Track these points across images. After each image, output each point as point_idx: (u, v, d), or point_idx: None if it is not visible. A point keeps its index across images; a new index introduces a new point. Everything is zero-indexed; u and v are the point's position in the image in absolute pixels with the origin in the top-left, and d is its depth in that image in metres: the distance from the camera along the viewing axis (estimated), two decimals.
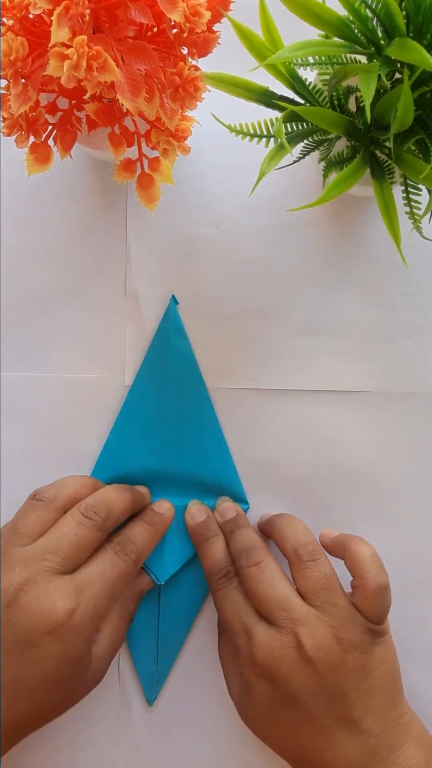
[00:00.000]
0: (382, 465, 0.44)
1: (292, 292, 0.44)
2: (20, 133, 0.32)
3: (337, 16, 0.30)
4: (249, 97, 0.33)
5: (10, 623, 0.35)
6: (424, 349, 0.44)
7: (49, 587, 0.35)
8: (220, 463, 0.43)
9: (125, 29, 0.30)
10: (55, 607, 0.35)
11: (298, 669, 0.37)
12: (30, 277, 0.44)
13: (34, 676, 0.34)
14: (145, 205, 0.34)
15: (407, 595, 0.44)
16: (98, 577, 0.37)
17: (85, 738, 0.44)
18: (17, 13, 0.29)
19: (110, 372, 0.44)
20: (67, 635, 0.35)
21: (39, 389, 0.44)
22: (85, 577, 0.36)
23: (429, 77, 0.30)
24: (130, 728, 0.44)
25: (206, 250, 0.44)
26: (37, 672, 0.34)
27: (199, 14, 0.30)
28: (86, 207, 0.44)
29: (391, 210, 0.33)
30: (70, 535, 0.37)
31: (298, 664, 0.37)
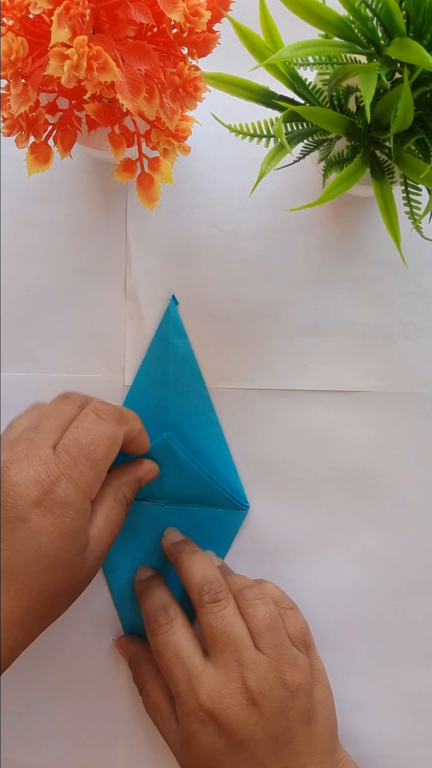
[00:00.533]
0: (382, 465, 0.44)
1: (292, 292, 0.44)
2: (20, 133, 0.32)
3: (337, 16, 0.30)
4: (249, 97, 0.33)
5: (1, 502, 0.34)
6: (424, 349, 0.44)
7: (32, 462, 0.35)
8: (220, 463, 0.43)
9: (125, 29, 0.30)
10: (38, 479, 0.34)
11: (246, 716, 0.36)
12: (30, 277, 0.44)
13: (29, 552, 0.33)
14: (145, 205, 0.34)
15: (407, 596, 0.44)
16: (74, 443, 0.36)
17: (85, 738, 0.44)
18: (17, 13, 0.29)
19: (110, 372, 0.44)
20: (54, 506, 0.34)
21: (39, 389, 0.44)
22: (63, 446, 0.35)
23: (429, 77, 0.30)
24: (130, 728, 0.44)
25: (206, 250, 0.44)
26: (31, 548, 0.33)
27: (199, 14, 0.30)
28: (86, 207, 0.44)
29: (391, 210, 0.33)
30: (49, 410, 0.37)
31: (246, 711, 0.36)
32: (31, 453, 0.35)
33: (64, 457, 0.35)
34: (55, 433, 0.36)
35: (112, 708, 0.44)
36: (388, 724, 0.43)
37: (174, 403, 0.43)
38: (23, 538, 0.33)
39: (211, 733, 0.36)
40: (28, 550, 0.33)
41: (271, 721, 0.36)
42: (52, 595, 0.34)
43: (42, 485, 0.34)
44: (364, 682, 0.43)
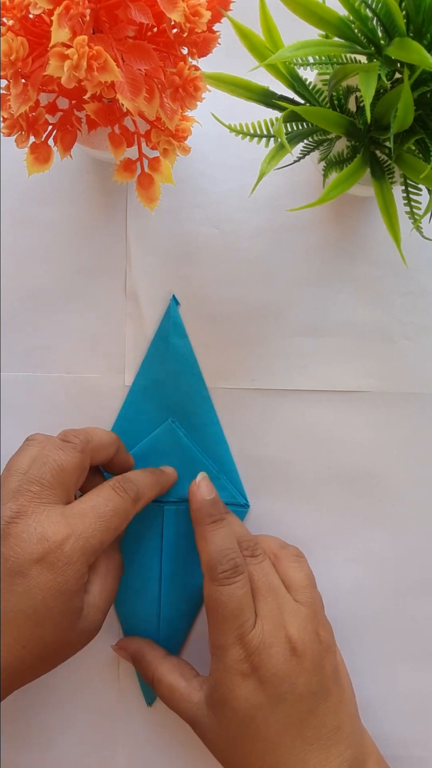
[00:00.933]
0: (382, 465, 0.44)
1: (292, 292, 0.44)
2: (20, 133, 0.32)
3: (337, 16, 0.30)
4: (249, 97, 0.33)
5: (2, 555, 0.34)
6: (424, 349, 0.44)
7: (40, 518, 0.35)
8: (221, 462, 0.43)
9: (125, 29, 0.30)
10: (45, 536, 0.34)
11: (289, 667, 0.36)
12: (30, 277, 0.44)
13: (22, 607, 0.34)
14: (145, 205, 0.34)
15: (407, 596, 0.44)
16: (91, 510, 0.36)
17: (85, 738, 0.44)
18: (17, 13, 0.29)
19: (110, 372, 0.44)
20: (56, 565, 0.34)
21: (39, 389, 0.44)
22: (78, 509, 0.36)
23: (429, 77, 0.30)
24: (130, 728, 0.44)
25: (206, 250, 0.44)
26: (24, 603, 0.34)
27: (199, 14, 0.30)
28: (86, 207, 0.44)
29: (391, 210, 0.33)
30: (50, 461, 0.36)
31: (289, 662, 0.36)
32: (38, 509, 0.35)
33: (75, 518, 0.35)
34: (61, 488, 0.36)
35: (112, 708, 0.44)
36: (388, 724, 0.43)
37: (174, 403, 0.43)
38: (19, 591, 0.34)
39: (252, 686, 0.36)
40: (21, 604, 0.34)
41: (311, 675, 0.36)
42: (38, 651, 0.34)
43: (47, 543, 0.34)
44: (364, 682, 0.43)
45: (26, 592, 0.34)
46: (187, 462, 0.43)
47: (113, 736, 0.44)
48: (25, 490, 0.36)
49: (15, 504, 0.35)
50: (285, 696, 0.36)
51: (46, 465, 0.36)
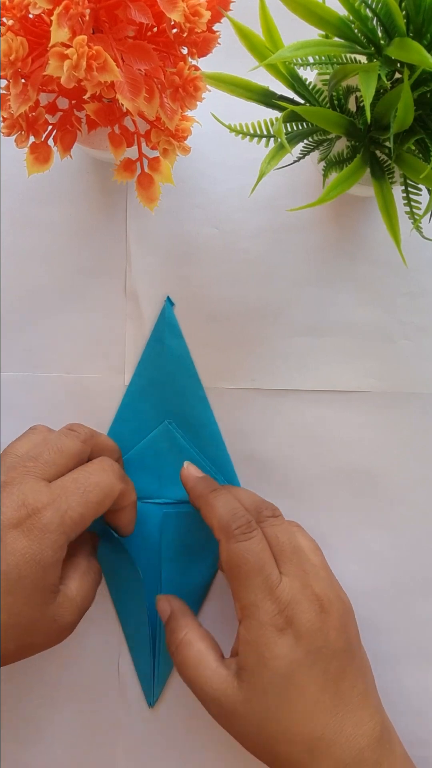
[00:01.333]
0: (382, 465, 0.44)
1: (292, 292, 0.44)
2: (20, 133, 0.32)
3: (337, 16, 0.30)
4: (249, 97, 0.33)
5: None
6: (424, 349, 0.44)
7: (24, 487, 0.35)
8: (218, 464, 0.43)
9: (125, 29, 0.30)
10: (26, 502, 0.35)
11: (321, 621, 0.36)
12: (30, 277, 0.44)
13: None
14: (145, 205, 0.34)
15: (407, 595, 0.44)
16: (73, 482, 0.36)
17: (85, 738, 0.44)
18: (17, 13, 0.29)
19: (110, 372, 0.44)
20: (33, 532, 0.34)
21: (39, 389, 0.44)
22: (60, 483, 0.36)
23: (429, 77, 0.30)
24: (130, 728, 0.44)
25: (206, 250, 0.44)
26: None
27: (199, 14, 0.30)
28: (86, 207, 0.44)
29: (391, 210, 0.33)
30: (51, 443, 0.37)
31: (320, 617, 0.36)
32: (24, 479, 0.36)
33: (57, 489, 0.36)
34: (53, 467, 0.37)
35: (112, 708, 0.44)
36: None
37: (170, 404, 0.43)
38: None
39: (289, 641, 0.35)
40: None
41: (339, 632, 0.36)
42: (9, 621, 0.34)
43: (26, 510, 0.34)
44: None
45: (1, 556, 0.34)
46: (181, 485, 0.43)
47: (113, 736, 0.44)
48: (19, 465, 0.36)
49: (5, 476, 0.36)
50: (321, 651, 0.35)
51: (47, 445, 0.37)
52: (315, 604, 0.36)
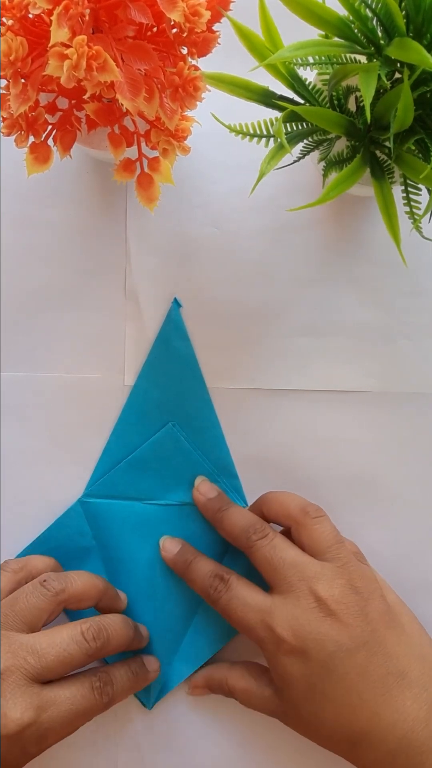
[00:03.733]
0: (382, 465, 0.44)
1: (292, 292, 0.44)
2: (20, 133, 0.32)
3: (337, 16, 0.30)
4: (249, 97, 0.33)
5: None
6: (424, 349, 0.44)
7: (16, 694, 0.34)
8: (221, 466, 0.43)
9: (125, 29, 0.30)
10: (12, 717, 0.34)
11: (327, 627, 0.36)
12: (30, 277, 0.44)
13: None
14: (144, 205, 0.34)
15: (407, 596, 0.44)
16: (65, 702, 0.35)
17: (85, 738, 0.44)
18: (17, 13, 0.29)
19: (110, 372, 0.44)
20: (7, 744, 0.34)
21: (39, 389, 0.44)
22: (53, 696, 0.35)
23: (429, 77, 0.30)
24: (129, 729, 0.44)
25: (206, 250, 0.44)
26: None
27: (199, 14, 0.30)
28: (86, 207, 0.44)
29: (391, 210, 0.33)
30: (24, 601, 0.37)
31: (325, 623, 0.36)
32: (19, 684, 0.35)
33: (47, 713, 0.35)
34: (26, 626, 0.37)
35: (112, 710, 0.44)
36: None
37: (175, 405, 0.43)
38: None
39: (300, 661, 0.36)
40: None
41: (354, 627, 0.36)
42: None
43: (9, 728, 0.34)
44: None
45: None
46: (188, 466, 0.43)
47: (113, 736, 0.44)
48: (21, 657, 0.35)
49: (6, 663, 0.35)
50: (334, 656, 0.35)
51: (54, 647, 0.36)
52: (317, 611, 0.37)
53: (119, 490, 0.43)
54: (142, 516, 0.43)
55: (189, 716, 0.43)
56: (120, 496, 0.43)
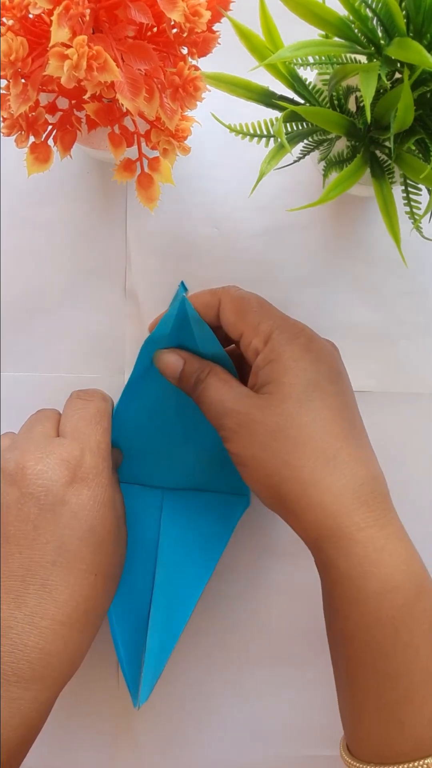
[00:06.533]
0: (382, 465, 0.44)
1: (292, 292, 0.44)
2: (20, 133, 0.32)
3: (337, 16, 0.30)
4: (249, 97, 0.33)
5: (29, 495, 0.32)
6: (424, 349, 0.44)
7: (46, 448, 0.34)
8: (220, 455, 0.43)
9: (125, 29, 0.30)
10: (63, 457, 0.33)
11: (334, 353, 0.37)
12: (30, 277, 0.44)
13: (78, 533, 0.32)
14: (144, 205, 0.34)
15: None
16: (81, 421, 0.36)
17: (85, 738, 0.44)
18: (17, 13, 0.29)
19: (110, 372, 0.44)
20: (89, 478, 0.33)
21: (39, 389, 0.44)
22: (69, 426, 0.36)
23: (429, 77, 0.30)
24: (129, 728, 0.44)
25: (206, 250, 0.44)
26: (79, 529, 0.32)
27: (199, 14, 0.30)
28: (86, 207, 0.44)
29: (391, 210, 0.33)
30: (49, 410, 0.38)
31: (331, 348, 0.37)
32: (40, 442, 0.34)
33: (76, 434, 0.35)
34: (50, 421, 0.36)
35: (112, 708, 0.44)
36: None
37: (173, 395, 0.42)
38: (68, 521, 0.32)
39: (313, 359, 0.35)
40: (76, 532, 0.32)
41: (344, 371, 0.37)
42: (106, 575, 0.33)
43: (70, 463, 0.33)
44: None
45: (73, 516, 0.32)
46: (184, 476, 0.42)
47: (113, 736, 0.44)
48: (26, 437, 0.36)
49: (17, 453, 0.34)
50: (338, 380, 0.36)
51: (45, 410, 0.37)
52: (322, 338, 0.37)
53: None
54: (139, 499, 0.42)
55: (188, 716, 0.43)
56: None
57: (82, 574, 0.31)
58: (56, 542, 0.31)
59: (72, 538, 0.32)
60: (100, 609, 0.33)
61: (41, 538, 0.31)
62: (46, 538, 0.31)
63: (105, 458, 0.35)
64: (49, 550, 0.31)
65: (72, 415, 0.36)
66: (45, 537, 0.31)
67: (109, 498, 0.34)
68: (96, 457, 0.34)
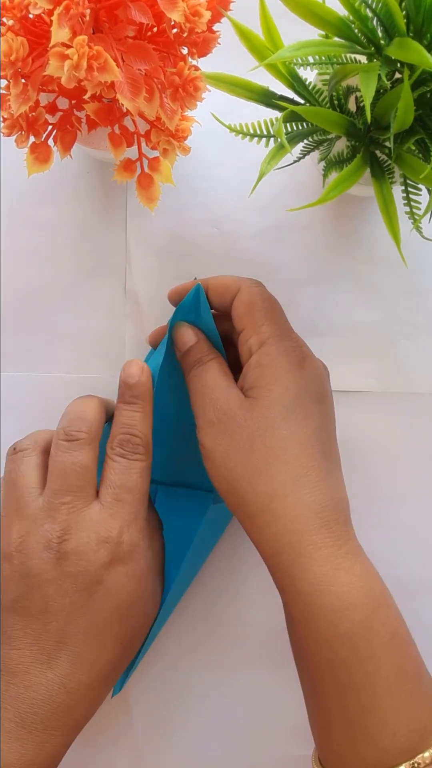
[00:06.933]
0: (382, 465, 0.44)
1: (292, 292, 0.44)
2: (20, 133, 0.32)
3: (337, 16, 0.30)
4: (249, 97, 0.33)
5: (69, 574, 0.33)
6: (424, 349, 0.44)
7: (87, 525, 0.34)
8: None
9: (125, 29, 0.30)
10: (102, 538, 0.34)
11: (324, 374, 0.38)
12: (30, 277, 0.44)
13: (111, 608, 0.34)
14: (145, 205, 0.34)
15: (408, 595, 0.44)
16: (122, 491, 0.35)
17: (85, 738, 0.44)
18: (17, 13, 0.29)
19: (110, 372, 0.44)
20: (124, 557, 0.34)
21: (39, 389, 0.44)
22: (111, 496, 0.35)
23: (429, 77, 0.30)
24: (129, 729, 0.44)
25: (206, 250, 0.44)
26: (112, 603, 0.34)
27: (199, 14, 0.30)
28: (86, 207, 0.44)
29: (391, 210, 0.33)
30: (70, 466, 0.35)
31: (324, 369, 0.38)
32: (80, 516, 0.34)
33: (116, 507, 0.35)
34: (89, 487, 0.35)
35: (112, 708, 0.44)
36: None
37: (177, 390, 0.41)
38: (101, 597, 0.34)
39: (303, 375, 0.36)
40: (106, 609, 0.34)
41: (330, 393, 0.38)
42: (133, 641, 0.35)
43: (109, 544, 0.34)
44: None
45: (107, 593, 0.34)
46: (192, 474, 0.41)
47: (113, 736, 0.44)
48: (59, 505, 0.34)
49: (57, 523, 0.34)
50: (323, 399, 0.36)
51: (67, 471, 0.35)
52: (316, 358, 0.38)
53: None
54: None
55: (188, 716, 0.43)
56: None
57: (110, 643, 0.34)
58: (89, 615, 0.33)
59: (103, 612, 0.34)
60: (122, 668, 0.36)
61: (76, 611, 0.33)
62: (80, 612, 0.33)
63: (141, 531, 0.35)
64: (81, 622, 0.33)
65: (113, 479, 0.36)
66: (79, 611, 0.33)
67: (142, 570, 0.35)
68: (133, 532, 0.35)
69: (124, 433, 0.36)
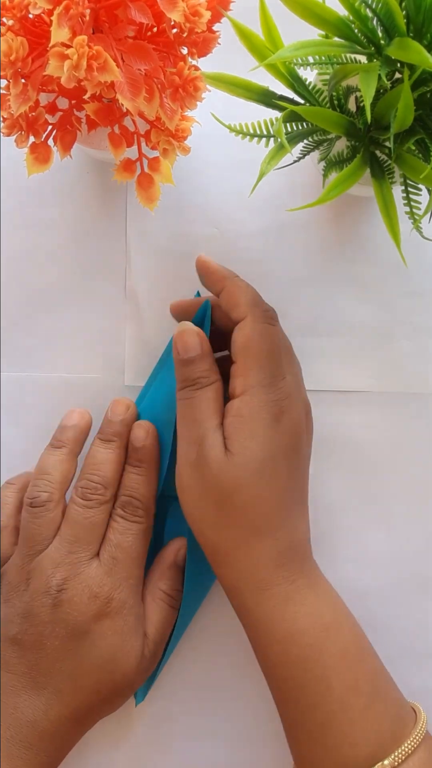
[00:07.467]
0: (382, 465, 0.44)
1: (292, 292, 0.44)
2: (20, 133, 0.32)
3: (337, 16, 0.30)
4: (249, 97, 0.33)
5: (61, 620, 0.37)
6: (424, 349, 0.44)
7: (83, 579, 0.37)
8: None
9: (125, 29, 0.30)
10: (94, 593, 0.37)
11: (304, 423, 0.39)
12: (30, 277, 0.44)
13: (93, 659, 0.37)
14: (144, 205, 0.34)
15: (407, 595, 0.44)
16: (119, 551, 0.38)
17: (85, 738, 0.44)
18: (17, 13, 0.29)
19: (110, 372, 0.44)
20: (112, 613, 0.37)
21: (39, 389, 0.44)
22: (108, 554, 0.38)
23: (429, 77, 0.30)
24: (129, 729, 0.44)
25: (206, 250, 0.44)
26: (95, 655, 0.37)
27: (199, 14, 0.30)
28: (86, 207, 0.44)
29: (391, 210, 0.33)
30: (82, 521, 0.38)
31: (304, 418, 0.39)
32: (80, 569, 0.37)
33: (110, 565, 0.38)
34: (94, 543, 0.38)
35: None
36: None
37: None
38: (87, 646, 0.37)
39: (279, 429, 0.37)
40: (89, 657, 0.37)
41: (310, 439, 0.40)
42: (108, 693, 0.37)
43: (99, 599, 0.37)
44: None
45: (92, 644, 0.37)
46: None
47: (113, 737, 0.44)
48: (66, 554, 0.38)
49: (59, 573, 0.37)
50: (299, 451, 0.38)
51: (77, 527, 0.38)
52: (304, 406, 0.39)
53: None
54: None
55: (189, 716, 0.43)
56: None
57: (87, 689, 0.37)
58: (74, 660, 0.37)
59: (86, 659, 0.37)
60: (99, 716, 0.39)
61: (64, 653, 0.37)
62: (67, 655, 0.37)
63: (133, 591, 0.38)
64: (67, 664, 0.37)
65: (111, 538, 0.39)
66: (66, 654, 0.37)
67: (130, 627, 0.38)
68: (124, 590, 0.38)
69: (127, 495, 0.40)
